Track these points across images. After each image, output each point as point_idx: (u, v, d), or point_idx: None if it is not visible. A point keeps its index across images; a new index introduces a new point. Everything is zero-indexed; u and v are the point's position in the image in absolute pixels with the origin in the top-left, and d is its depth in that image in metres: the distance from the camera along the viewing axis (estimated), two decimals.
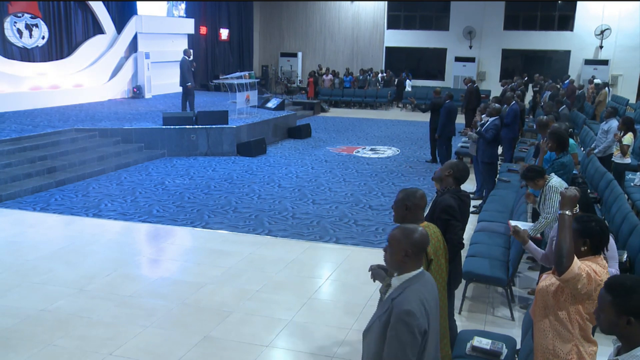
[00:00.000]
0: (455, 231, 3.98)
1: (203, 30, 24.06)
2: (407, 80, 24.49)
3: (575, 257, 2.87)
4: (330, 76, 25.12)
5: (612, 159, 9.06)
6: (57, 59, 16.62)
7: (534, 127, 14.93)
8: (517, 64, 25.89)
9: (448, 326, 3.76)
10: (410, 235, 2.64)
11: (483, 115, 9.33)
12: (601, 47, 24.10)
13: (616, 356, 2.25)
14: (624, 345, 2.21)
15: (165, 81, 20.66)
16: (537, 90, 18.58)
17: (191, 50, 14.95)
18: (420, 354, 2.54)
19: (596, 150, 9.52)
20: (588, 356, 2.97)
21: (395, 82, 24.55)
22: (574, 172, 6.45)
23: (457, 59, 25.72)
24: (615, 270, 3.96)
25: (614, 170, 8.81)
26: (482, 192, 9.17)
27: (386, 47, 27.33)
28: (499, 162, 9.70)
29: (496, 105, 9.30)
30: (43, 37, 16.10)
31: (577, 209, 4.53)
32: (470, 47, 25.79)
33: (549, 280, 3.05)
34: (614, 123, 9.33)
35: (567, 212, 2.91)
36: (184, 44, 22.03)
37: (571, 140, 7.66)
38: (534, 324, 3.15)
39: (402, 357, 2.47)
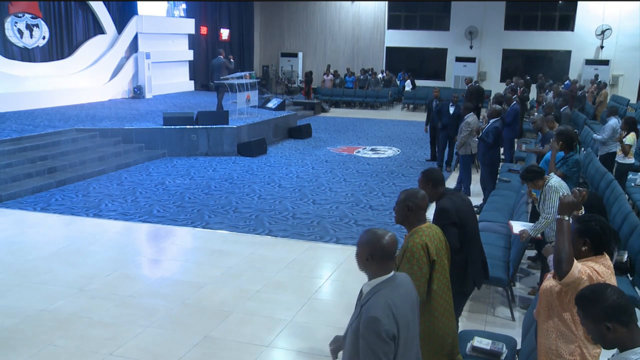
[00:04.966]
0: (450, 236, 3.76)
1: (203, 30, 24.06)
2: (407, 80, 24.46)
3: (576, 261, 2.85)
4: (330, 76, 25.12)
5: (615, 159, 9.05)
6: (57, 59, 16.62)
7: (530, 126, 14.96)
8: (517, 64, 25.87)
9: (455, 327, 3.71)
10: (377, 239, 2.58)
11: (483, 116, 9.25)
12: (602, 47, 24.09)
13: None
14: (620, 351, 2.25)
15: (165, 81, 20.69)
16: (539, 90, 18.54)
17: (222, 50, 15.10)
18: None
19: (598, 137, 9.62)
20: (591, 358, 2.96)
21: (409, 83, 24.53)
22: None
23: (458, 59, 25.71)
24: None
25: (617, 170, 8.79)
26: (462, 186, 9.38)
27: (387, 47, 27.32)
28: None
29: (496, 106, 9.05)
30: (44, 37, 16.11)
31: (582, 210, 4.52)
32: (471, 47, 25.77)
33: (552, 281, 3.02)
34: (612, 120, 9.44)
35: (565, 217, 2.91)
36: (184, 44, 22.07)
37: None
38: (538, 325, 3.14)
39: None
